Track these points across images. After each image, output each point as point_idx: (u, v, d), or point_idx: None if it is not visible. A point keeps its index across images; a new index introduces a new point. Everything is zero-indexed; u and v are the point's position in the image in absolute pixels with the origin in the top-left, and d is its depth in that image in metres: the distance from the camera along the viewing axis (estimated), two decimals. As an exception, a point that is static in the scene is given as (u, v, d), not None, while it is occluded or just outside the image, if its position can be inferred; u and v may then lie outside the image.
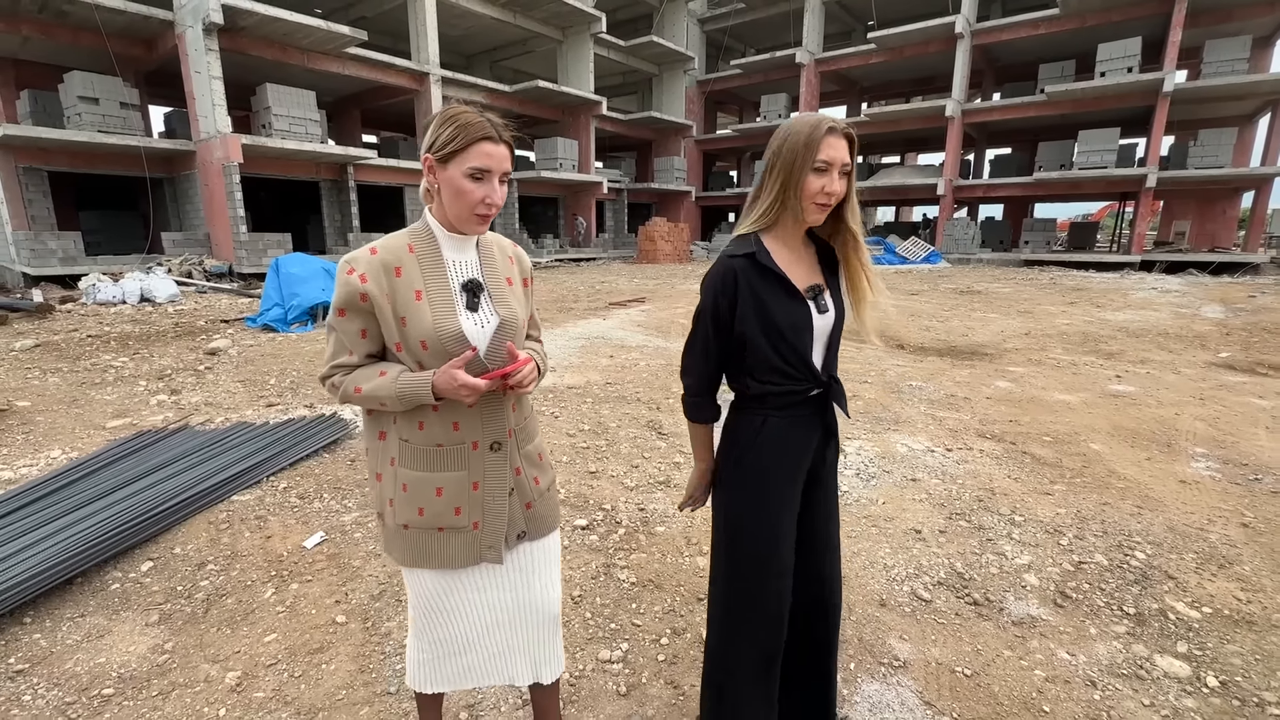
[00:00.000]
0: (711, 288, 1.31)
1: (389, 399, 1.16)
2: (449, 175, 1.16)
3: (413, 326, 1.18)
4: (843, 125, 1.24)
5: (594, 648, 2.03)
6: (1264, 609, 2.16)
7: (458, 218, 1.20)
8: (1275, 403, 4.70)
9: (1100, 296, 11.60)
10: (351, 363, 1.20)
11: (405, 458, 1.24)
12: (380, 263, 1.18)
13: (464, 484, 1.26)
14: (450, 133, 1.14)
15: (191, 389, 5.18)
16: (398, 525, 1.27)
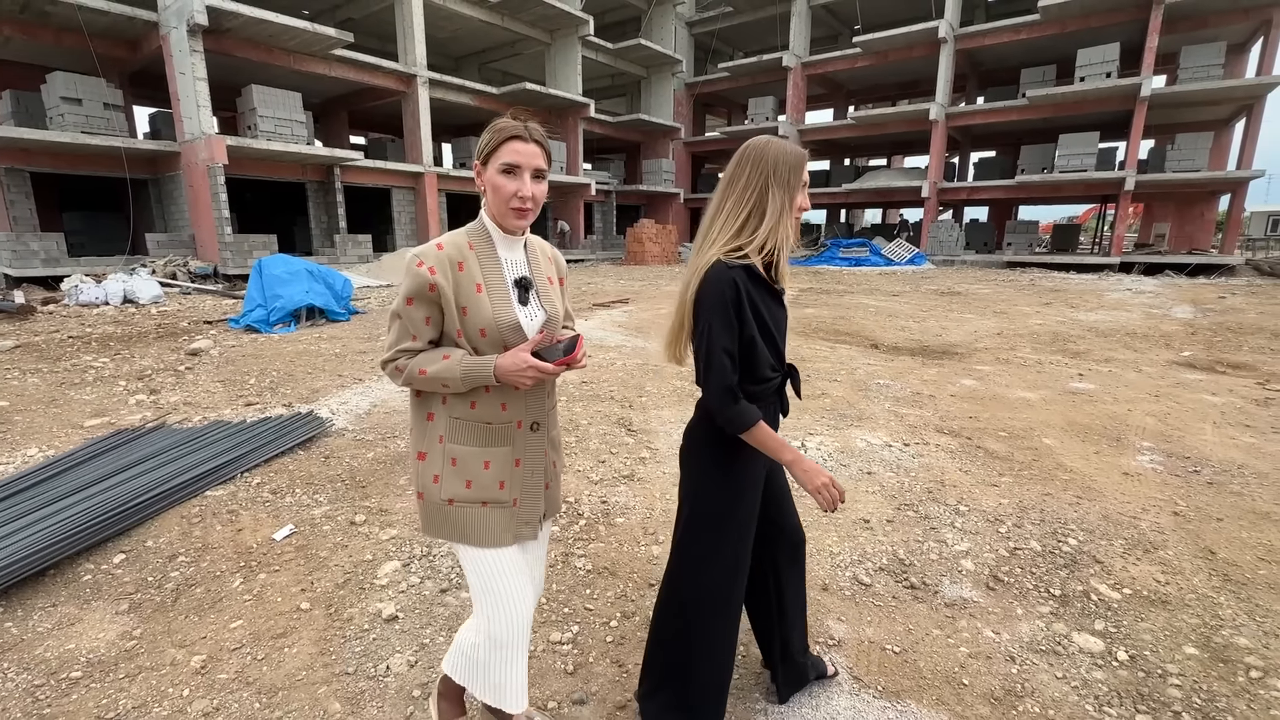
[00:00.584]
0: (722, 298, 1.34)
1: (453, 380, 1.28)
2: (488, 175, 1.31)
3: (473, 316, 1.30)
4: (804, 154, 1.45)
5: (546, 630, 2.13)
6: (1179, 590, 2.29)
7: (499, 214, 1.33)
8: (1227, 399, 4.87)
9: (1076, 297, 11.83)
10: (415, 347, 1.31)
11: (456, 434, 1.35)
12: (446, 257, 1.30)
13: (508, 460, 1.38)
14: (487, 137, 1.31)
15: (171, 389, 5.23)
16: (442, 500, 1.37)
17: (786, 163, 1.39)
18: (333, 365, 5.99)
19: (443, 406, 1.36)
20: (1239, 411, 4.55)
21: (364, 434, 4.08)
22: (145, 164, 14.90)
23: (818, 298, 11.71)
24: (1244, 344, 7.13)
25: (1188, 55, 18.70)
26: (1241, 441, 3.89)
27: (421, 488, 1.39)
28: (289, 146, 14.23)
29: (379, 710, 1.79)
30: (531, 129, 1.30)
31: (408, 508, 3.01)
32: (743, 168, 1.41)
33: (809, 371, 5.67)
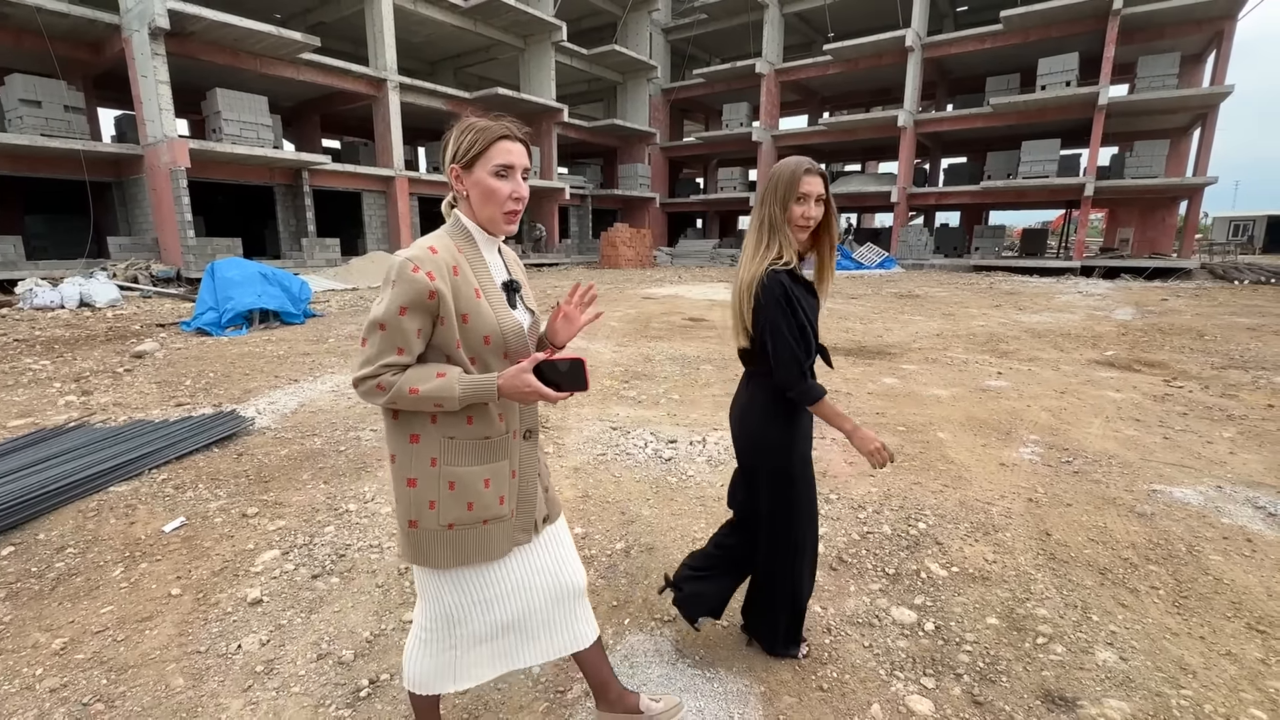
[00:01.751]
0: (775, 294, 1.62)
1: (448, 400, 1.19)
2: (476, 178, 1.24)
3: (475, 323, 1.23)
4: (814, 168, 1.66)
5: (400, 611, 2.24)
6: (1002, 568, 2.46)
7: (489, 219, 1.28)
8: (1128, 395, 5.10)
9: (1027, 300, 12.14)
10: (402, 362, 1.20)
11: (452, 455, 1.27)
12: (443, 261, 1.22)
13: (505, 473, 1.33)
14: (470, 139, 1.23)
15: (105, 390, 5.27)
16: (441, 526, 1.28)
17: (778, 180, 1.67)
18: (272, 367, 6.06)
19: (432, 426, 1.26)
20: (1134, 406, 4.77)
21: (284, 433, 4.17)
22: (109, 167, 14.81)
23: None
24: (1167, 344, 7.40)
25: (1144, 65, 19.24)
26: (1123, 434, 4.10)
27: (415, 516, 1.29)
28: (254, 150, 14.23)
29: (219, 685, 1.90)
30: (515, 127, 1.26)
31: (303, 500, 3.11)
32: (761, 191, 1.72)
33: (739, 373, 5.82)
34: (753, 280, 1.66)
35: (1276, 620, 2.14)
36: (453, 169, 1.27)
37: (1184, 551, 2.58)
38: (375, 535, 2.76)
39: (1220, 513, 2.92)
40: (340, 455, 3.74)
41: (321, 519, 2.91)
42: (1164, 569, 2.46)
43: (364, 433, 4.12)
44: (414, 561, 1.34)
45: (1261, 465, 3.57)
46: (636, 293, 13.12)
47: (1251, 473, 3.45)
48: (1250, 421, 4.41)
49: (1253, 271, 18.02)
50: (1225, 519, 2.86)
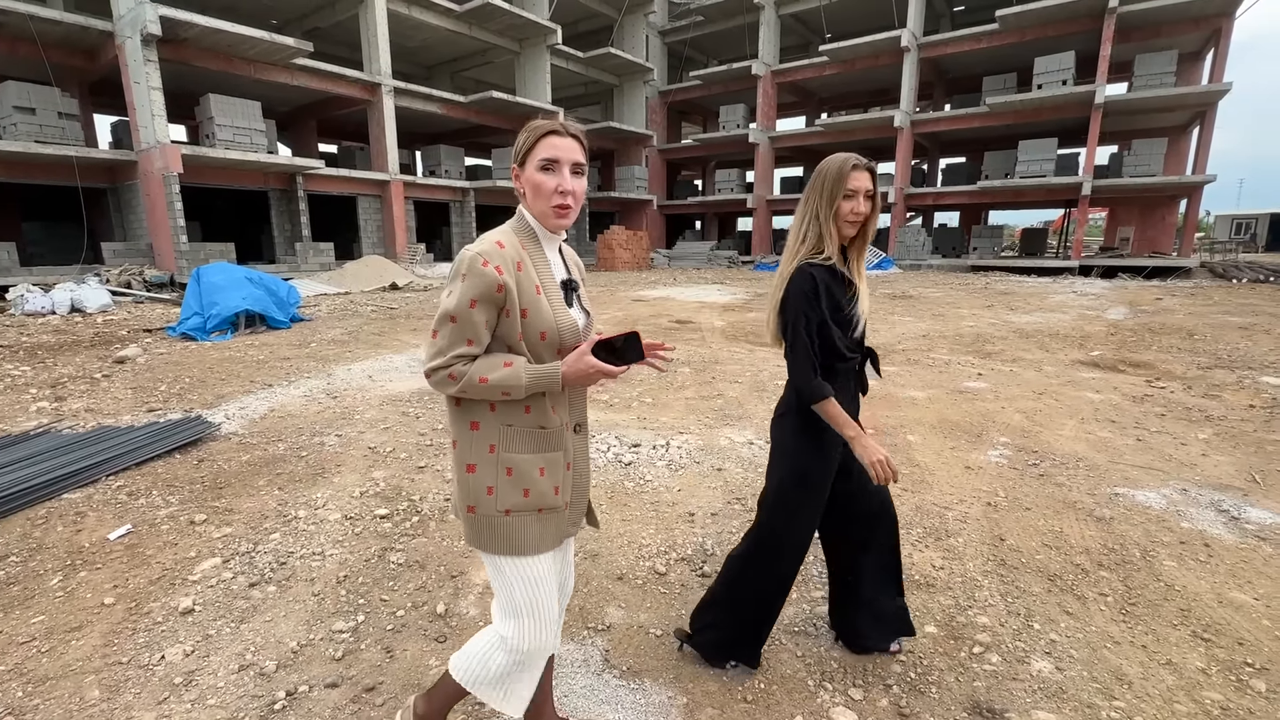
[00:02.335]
0: (802, 287, 1.64)
1: (515, 388, 1.23)
2: (527, 175, 1.28)
3: (533, 318, 1.26)
4: (863, 164, 1.65)
5: (331, 620, 2.21)
6: (949, 575, 2.41)
7: (541, 214, 1.30)
8: (1107, 397, 5.03)
9: (1021, 300, 12.06)
10: (472, 353, 1.24)
11: (510, 442, 1.30)
12: (509, 256, 1.25)
13: (560, 464, 1.35)
14: (522, 139, 1.28)
15: (79, 396, 5.27)
16: (498, 512, 1.31)
17: (825, 175, 1.66)
18: (249, 371, 6.05)
19: (491, 414, 1.30)
20: (1112, 408, 4.71)
21: (249, 438, 4.15)
22: (104, 173, 14.89)
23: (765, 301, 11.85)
24: (1156, 343, 7.33)
25: (1141, 63, 19.13)
26: (1095, 436, 4.04)
27: (473, 501, 1.32)
28: (247, 155, 14.27)
29: (135, 697, 1.87)
30: (567, 124, 1.28)
31: (254, 507, 3.08)
32: (807, 188, 1.72)
33: (719, 374, 5.79)
34: (785, 275, 1.69)
35: (1223, 628, 2.09)
36: (513, 169, 1.32)
37: (1138, 556, 2.53)
38: (320, 542, 2.73)
39: (1181, 516, 2.87)
40: (301, 461, 3.71)
41: (269, 526, 2.89)
42: (1115, 575, 2.41)
43: (328, 438, 4.10)
44: (471, 544, 1.36)
45: (1232, 467, 3.51)
46: (628, 295, 13.09)
47: (1221, 475, 3.39)
48: (1228, 423, 4.34)
49: (1252, 270, 17.88)
50: (1185, 523, 2.80)
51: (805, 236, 1.69)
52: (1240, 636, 2.04)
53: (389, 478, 3.40)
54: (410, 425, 4.31)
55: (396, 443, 3.96)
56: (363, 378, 5.73)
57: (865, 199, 1.65)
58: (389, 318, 9.98)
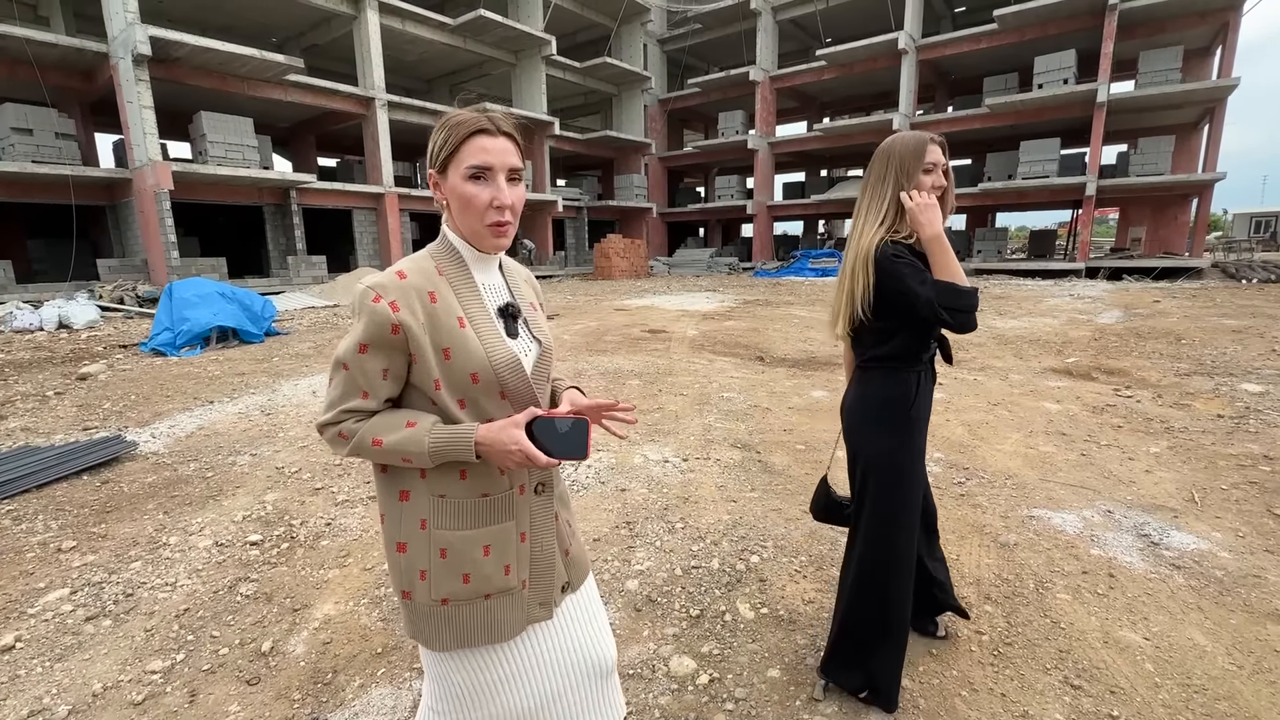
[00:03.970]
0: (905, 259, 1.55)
1: (417, 455, 0.99)
2: (451, 185, 1.03)
3: (459, 358, 1.02)
4: (939, 137, 1.62)
5: (149, 659, 2.10)
6: (817, 610, 2.24)
7: (473, 232, 1.06)
8: (1067, 407, 4.79)
9: (1013, 304, 11.74)
10: (367, 407, 1.02)
11: (443, 517, 1.07)
12: (412, 287, 1.02)
13: (511, 536, 1.11)
14: (442, 138, 1.02)
15: (23, 415, 5.26)
16: (434, 601, 1.08)
17: (903, 151, 1.60)
18: (199, 387, 6.02)
19: (421, 481, 1.06)
20: (1067, 419, 4.48)
21: (166, 457, 4.08)
22: (101, 191, 15.18)
23: (750, 309, 11.68)
24: (1138, 349, 7.03)
25: (1146, 60, 18.69)
26: (1036, 451, 3.82)
27: (407, 587, 1.09)
28: (238, 170, 14.45)
29: (-93, 745, 1.76)
30: (496, 119, 1.03)
31: (130, 533, 2.99)
32: (874, 165, 1.66)
33: (668, 386, 5.63)
34: (869, 251, 1.58)
35: (1099, 673, 1.89)
36: (430, 174, 1.06)
37: (1031, 589, 2.33)
38: (176, 572, 2.62)
39: (1095, 542, 2.65)
40: (203, 482, 3.63)
41: (134, 554, 2.79)
42: (1000, 610, 2.21)
43: (242, 457, 4.02)
44: (412, 637, 1.13)
45: (1174, 485, 3.27)
46: (611, 304, 12.98)
47: (1158, 494, 3.16)
48: (1188, 435, 4.09)
49: (1264, 270, 17.29)
50: (1096, 550, 2.59)
51: (885, 217, 1.62)
52: (1114, 683, 1.84)
53: (279, 500, 3.29)
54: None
55: (306, 462, 3.86)
56: (306, 393, 5.66)
57: (942, 173, 1.62)
58: (364, 330, 9.96)
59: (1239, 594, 2.28)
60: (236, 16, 17.95)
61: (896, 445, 1.67)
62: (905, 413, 1.66)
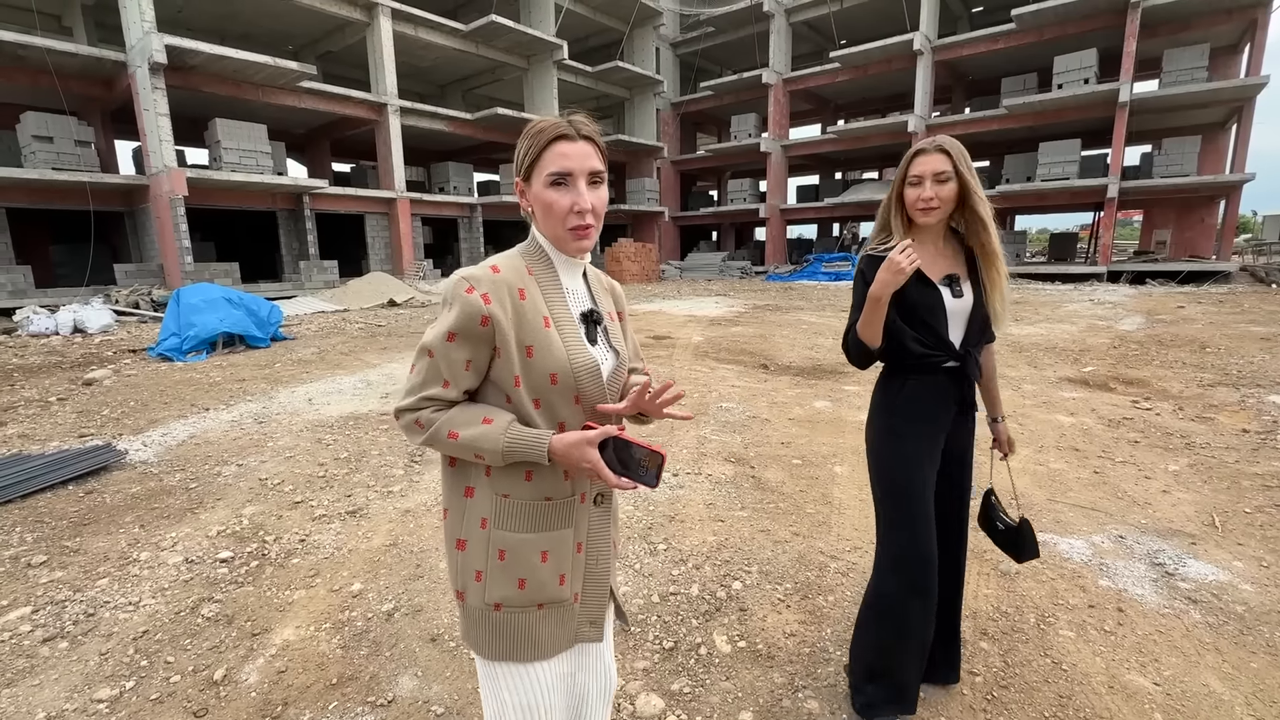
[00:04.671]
0: (858, 269, 1.63)
1: (490, 452, 1.00)
2: (535, 192, 1.05)
3: (540, 357, 1.03)
4: (931, 144, 1.56)
5: (99, 686, 2.02)
6: (798, 644, 2.10)
7: (556, 237, 1.08)
8: (1081, 420, 4.58)
9: (1030, 310, 11.43)
10: (447, 396, 1.03)
11: (504, 517, 1.07)
12: (505, 282, 1.03)
13: (569, 544, 1.10)
14: (525, 146, 1.05)
15: (23, 421, 5.28)
16: (487, 605, 1.07)
17: (904, 159, 1.61)
18: (198, 394, 6.01)
19: (486, 479, 1.07)
20: (1081, 433, 4.27)
21: (153, 467, 4.04)
22: (120, 197, 15.43)
23: (759, 314, 11.51)
24: (1160, 358, 6.76)
25: (1170, 59, 18.23)
26: (1046, 468, 3.64)
27: (462, 587, 1.09)
28: (252, 176, 14.60)
29: None
30: (578, 123, 1.05)
31: (103, 548, 2.94)
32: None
33: (666, 395, 5.50)
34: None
35: (1103, 723, 1.73)
36: (517, 184, 1.10)
37: (1032, 624, 2.17)
38: (141, 591, 2.55)
39: (1104, 572, 2.48)
40: (186, 494, 3.57)
41: (103, 570, 2.73)
42: (997, 647, 2.06)
43: (228, 468, 3.97)
44: (464, 641, 1.13)
45: (1193, 507, 3.08)
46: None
47: (1175, 517, 2.96)
48: (1210, 451, 3.88)
49: (1296, 274, 16.71)
50: (1105, 580, 2.42)
51: (879, 226, 1.68)
52: (1119, 736, 1.68)
53: (257, 515, 3.22)
54: (315, 454, 4.15)
55: (289, 474, 3.80)
56: (302, 401, 5.62)
57: (935, 182, 1.54)
58: (369, 336, 9.97)
59: (1261, 633, 2.10)
60: (254, 25, 18.21)
61: (882, 448, 1.68)
62: (887, 418, 1.67)
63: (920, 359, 1.60)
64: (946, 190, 1.54)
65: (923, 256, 1.59)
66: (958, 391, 1.64)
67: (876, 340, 1.56)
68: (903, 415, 1.64)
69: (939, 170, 1.53)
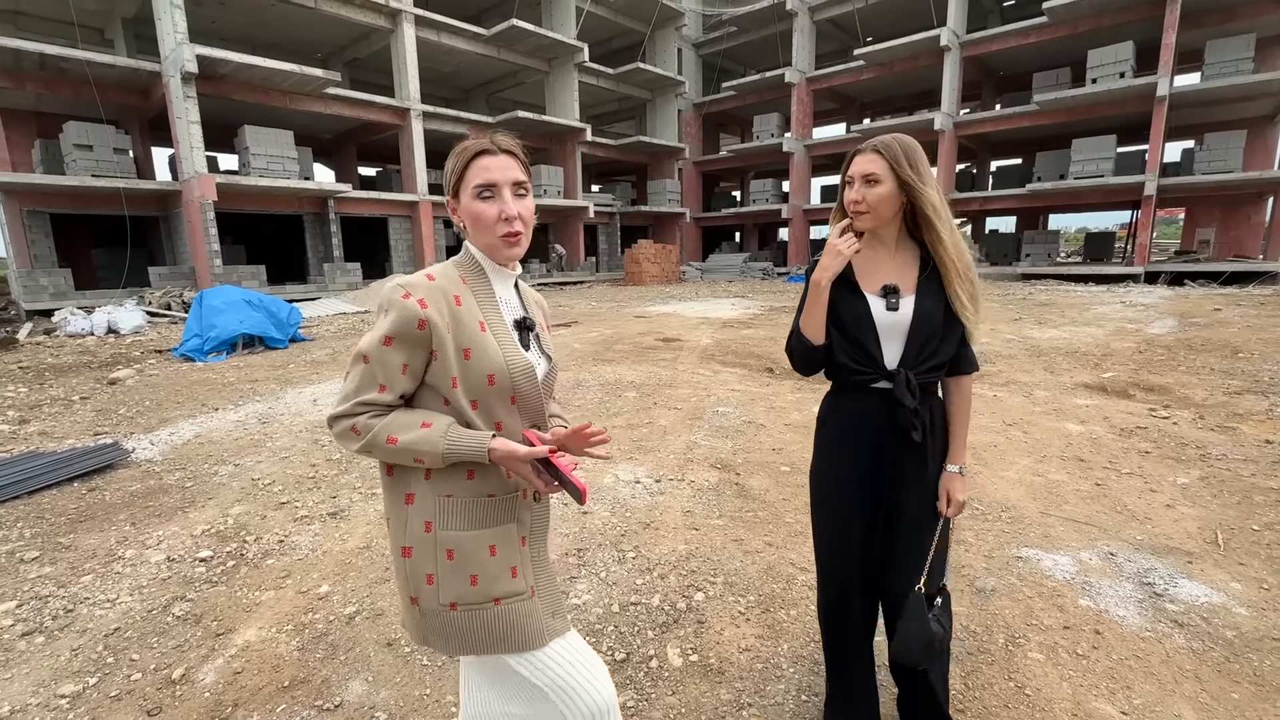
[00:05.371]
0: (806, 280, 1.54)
1: (430, 455, 1.03)
2: (464, 205, 1.12)
3: (478, 359, 1.08)
4: (868, 145, 1.47)
5: (64, 682, 2.07)
6: (751, 660, 2.04)
7: (488, 247, 1.14)
8: (1091, 429, 4.40)
9: (1057, 312, 11.06)
10: (383, 401, 1.05)
11: (449, 517, 1.09)
12: (440, 289, 1.08)
13: (514, 537, 1.14)
14: (450, 164, 1.13)
15: (45, 419, 5.50)
16: (442, 606, 1.09)
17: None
18: (211, 394, 6.18)
19: (426, 483, 1.10)
20: (1089, 443, 4.10)
21: (156, 466, 4.16)
22: (155, 202, 16.01)
23: (774, 316, 11.37)
24: (1187, 363, 6.46)
25: (1213, 50, 17.47)
26: (1045, 479, 3.49)
27: (415, 592, 1.11)
28: (278, 181, 15.00)
29: None
30: (498, 140, 1.13)
31: (92, 545, 3.03)
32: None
33: (665, 399, 5.46)
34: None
35: (1059, 754, 1.64)
36: (448, 201, 1.17)
37: (1000, 644, 2.08)
38: (120, 589, 2.62)
39: (1086, 591, 2.36)
40: (181, 493, 3.67)
41: (90, 566, 2.81)
42: (958, 669, 1.97)
43: (225, 467, 4.06)
44: (421, 644, 1.17)
45: (1196, 523, 2.92)
46: (633, 311, 12.86)
47: (1174, 534, 2.82)
48: (1225, 463, 3.68)
49: (1350, 274, 15.83)
50: (1085, 600, 2.30)
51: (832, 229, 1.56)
52: (1075, 768, 1.60)
53: (243, 514, 3.29)
54: (309, 455, 4.22)
55: (280, 474, 3.87)
56: (307, 401, 5.74)
57: (864, 184, 1.43)
58: (385, 337, 10.13)
59: (1249, 661, 1.97)
60: (283, 34, 18.71)
61: (814, 461, 1.64)
62: (821, 431, 1.61)
63: (849, 374, 1.50)
64: (876, 193, 1.43)
65: (866, 264, 1.51)
66: (889, 415, 1.47)
67: (819, 335, 1.48)
68: (836, 430, 1.56)
69: (867, 172, 1.44)
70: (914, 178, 1.43)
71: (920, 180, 1.44)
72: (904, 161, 1.43)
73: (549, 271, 22.80)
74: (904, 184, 1.44)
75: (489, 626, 1.10)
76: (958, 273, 1.44)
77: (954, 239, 1.46)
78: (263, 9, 16.48)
